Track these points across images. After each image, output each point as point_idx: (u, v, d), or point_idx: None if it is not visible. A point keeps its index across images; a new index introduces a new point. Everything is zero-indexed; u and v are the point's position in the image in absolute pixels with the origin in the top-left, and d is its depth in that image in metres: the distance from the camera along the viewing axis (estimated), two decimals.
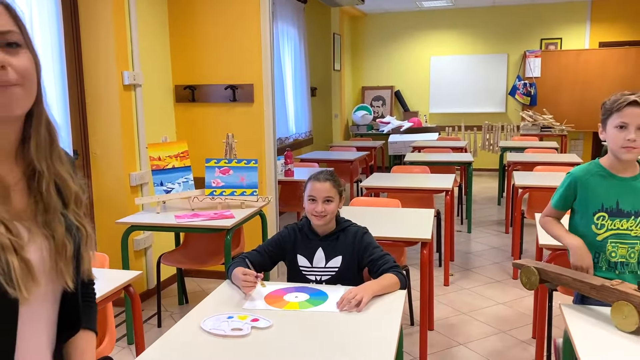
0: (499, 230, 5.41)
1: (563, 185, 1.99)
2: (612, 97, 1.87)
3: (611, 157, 1.90)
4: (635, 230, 1.85)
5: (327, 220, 2.08)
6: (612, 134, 1.84)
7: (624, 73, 7.98)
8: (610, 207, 1.86)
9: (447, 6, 8.55)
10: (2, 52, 0.85)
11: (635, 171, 1.89)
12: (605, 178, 1.89)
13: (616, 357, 1.42)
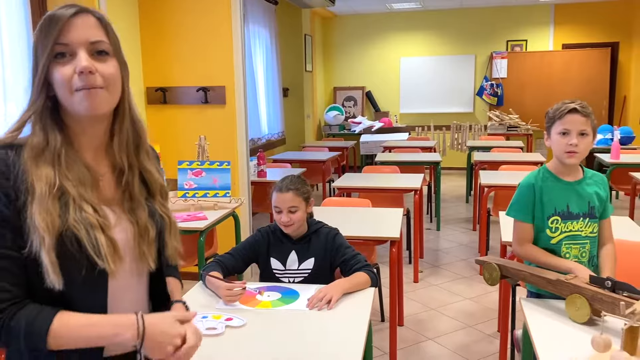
0: (467, 227, 5.55)
1: (523, 196, 2.00)
2: (554, 106, 1.96)
3: (557, 163, 1.99)
4: (585, 230, 1.95)
5: (295, 228, 2.12)
6: (556, 140, 1.94)
7: (586, 74, 8.26)
8: (562, 211, 1.95)
9: (416, 8, 8.69)
10: (93, 59, 0.98)
11: (578, 175, 2.00)
12: (555, 183, 1.98)
13: (569, 346, 1.52)
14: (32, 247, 0.92)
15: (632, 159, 5.07)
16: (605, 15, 8.36)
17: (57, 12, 0.98)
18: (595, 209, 1.97)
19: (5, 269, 0.92)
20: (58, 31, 0.96)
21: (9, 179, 0.94)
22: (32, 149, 0.97)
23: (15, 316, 0.92)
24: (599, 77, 8.23)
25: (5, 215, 0.93)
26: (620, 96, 8.55)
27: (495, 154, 5.94)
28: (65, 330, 0.93)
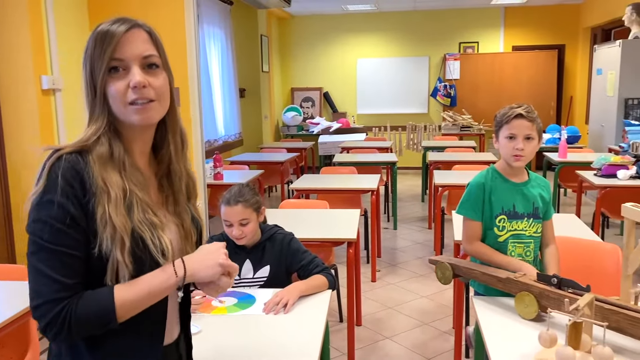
0: (423, 226, 5.66)
1: (473, 194, 2.06)
2: (502, 110, 2.04)
3: (504, 164, 2.06)
4: (529, 230, 2.03)
5: (248, 239, 2.09)
6: (503, 143, 2.01)
7: (535, 75, 8.54)
8: (509, 210, 2.02)
9: (371, 10, 8.79)
10: (144, 72, 1.05)
11: (524, 177, 2.08)
12: (502, 183, 2.05)
13: (517, 342, 1.57)
14: (104, 246, 0.99)
15: (578, 157, 5.27)
16: (552, 18, 8.67)
17: (111, 27, 1.04)
18: (539, 210, 2.06)
19: (69, 265, 0.98)
20: (113, 47, 1.02)
21: (80, 182, 0.99)
22: (100, 157, 1.03)
23: (78, 305, 0.97)
24: (547, 78, 8.54)
25: (74, 215, 0.98)
26: (567, 97, 8.89)
27: (448, 153, 6.07)
28: (127, 295, 1.00)
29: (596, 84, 6.49)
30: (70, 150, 1.02)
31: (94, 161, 1.02)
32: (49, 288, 0.96)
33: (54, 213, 0.97)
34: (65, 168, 0.99)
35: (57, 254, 0.97)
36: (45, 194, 0.98)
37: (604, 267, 2.27)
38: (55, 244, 0.97)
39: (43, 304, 0.96)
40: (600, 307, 1.50)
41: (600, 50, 6.35)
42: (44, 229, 0.97)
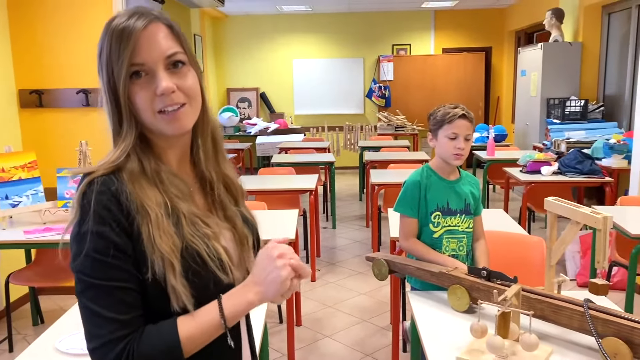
0: (361, 224, 5.74)
1: (408, 191, 2.11)
2: (441, 110, 2.08)
3: (440, 162, 2.13)
4: (462, 225, 2.11)
5: None
6: (444, 142, 2.06)
7: (463, 76, 8.88)
8: (443, 207, 2.10)
9: (306, 11, 8.82)
10: (170, 74, 0.92)
11: (456, 175, 2.17)
12: (437, 181, 2.12)
13: (451, 334, 1.62)
14: (155, 270, 0.88)
15: (505, 155, 5.52)
16: (479, 22, 9.04)
17: (126, 24, 0.90)
18: (471, 206, 2.15)
19: (121, 300, 0.87)
20: (132, 49, 0.89)
21: (118, 205, 0.89)
22: (132, 174, 0.92)
23: (140, 344, 0.87)
24: (476, 79, 8.89)
25: (117, 243, 0.87)
26: (494, 97, 9.29)
27: (384, 153, 6.19)
28: (191, 329, 0.90)
29: (521, 85, 6.82)
30: (102, 172, 0.91)
31: (128, 179, 0.91)
32: (104, 329, 0.86)
33: (94, 245, 0.86)
34: (98, 192, 0.88)
35: (106, 290, 0.87)
36: (82, 225, 0.87)
37: (530, 259, 2.39)
38: (102, 279, 0.87)
39: (100, 347, 0.86)
40: (526, 297, 1.57)
41: (524, 53, 6.69)
42: (86, 264, 0.87)
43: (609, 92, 5.89)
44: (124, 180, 0.91)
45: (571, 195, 4.87)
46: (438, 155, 2.12)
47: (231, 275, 0.96)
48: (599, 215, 1.46)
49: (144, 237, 0.89)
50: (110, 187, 0.89)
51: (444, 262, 1.98)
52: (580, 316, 1.47)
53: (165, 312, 0.90)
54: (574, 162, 4.20)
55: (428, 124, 2.17)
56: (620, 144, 4.46)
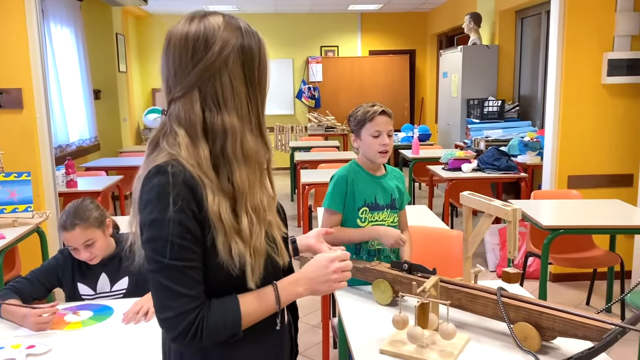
0: (293, 224, 5.76)
1: (336, 186, 2.12)
2: (360, 110, 2.11)
3: (366, 162, 2.16)
4: (388, 220, 2.16)
5: (100, 257, 1.94)
6: (368, 141, 2.08)
7: (389, 77, 9.11)
8: (371, 202, 2.12)
9: (233, 11, 8.74)
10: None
11: (382, 171, 2.20)
12: (364, 176, 2.15)
13: (376, 327, 1.66)
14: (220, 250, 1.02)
15: (429, 153, 5.72)
16: (404, 25, 9.31)
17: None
18: (396, 201, 2.20)
19: (192, 277, 1.00)
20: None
21: (193, 193, 1.00)
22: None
23: (208, 317, 1.01)
24: (401, 81, 9.15)
25: (191, 228, 1.00)
26: (419, 98, 9.60)
27: (314, 153, 6.25)
28: (250, 309, 1.06)
29: (443, 86, 7.09)
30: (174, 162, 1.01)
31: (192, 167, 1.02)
32: (176, 302, 0.99)
33: (173, 230, 0.98)
34: (175, 182, 0.99)
35: (181, 270, 0.99)
36: (161, 212, 0.98)
37: (451, 252, 2.49)
38: (178, 259, 0.98)
39: (173, 317, 1.00)
40: (444, 288, 1.64)
41: (445, 55, 6.96)
42: (165, 247, 0.98)
43: (523, 92, 6.25)
44: (190, 169, 1.02)
45: (490, 191, 5.12)
46: (364, 155, 2.14)
47: (285, 259, 1.11)
48: (509, 208, 1.55)
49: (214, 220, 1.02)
50: (185, 179, 1.00)
51: (366, 233, 2.05)
52: (494, 304, 1.56)
53: (226, 287, 1.05)
54: (491, 159, 4.42)
55: (349, 126, 2.18)
56: (533, 142, 4.74)
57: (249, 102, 1.07)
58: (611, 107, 3.89)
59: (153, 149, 1.06)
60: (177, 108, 1.04)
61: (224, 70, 1.03)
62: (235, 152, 1.05)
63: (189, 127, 1.03)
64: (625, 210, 3.17)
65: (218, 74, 1.03)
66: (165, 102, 1.07)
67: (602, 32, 3.80)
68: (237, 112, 1.05)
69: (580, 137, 3.91)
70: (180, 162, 1.01)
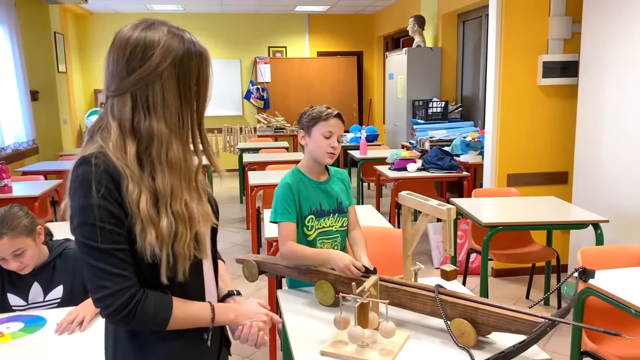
0: (241, 227, 5.71)
1: (284, 196, 2.04)
2: (316, 108, 2.06)
3: (310, 163, 2.10)
4: (335, 225, 2.11)
5: (32, 266, 1.86)
6: (318, 140, 2.03)
7: (338, 79, 9.18)
8: (316, 209, 2.07)
9: (178, 10, 8.58)
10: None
11: (326, 175, 2.15)
12: (308, 184, 2.09)
13: (318, 328, 1.67)
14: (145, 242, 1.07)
15: (376, 154, 5.80)
16: (351, 27, 9.40)
17: None
18: (343, 205, 2.15)
19: (122, 258, 1.06)
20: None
21: (114, 182, 1.06)
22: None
23: (144, 302, 1.08)
24: (349, 82, 9.24)
25: (114, 213, 1.05)
26: (367, 99, 9.72)
27: (263, 154, 6.21)
28: (180, 314, 1.13)
29: (389, 88, 7.21)
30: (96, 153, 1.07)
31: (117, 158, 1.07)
32: (111, 282, 1.05)
33: (99, 215, 1.03)
34: (97, 171, 1.05)
35: (109, 252, 1.05)
36: (85, 199, 1.03)
37: (395, 250, 2.52)
38: (105, 242, 1.04)
39: (109, 295, 1.05)
40: (384, 287, 1.67)
41: (391, 57, 7.07)
42: (93, 231, 1.04)
43: (465, 93, 6.43)
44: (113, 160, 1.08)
45: (434, 190, 5.24)
46: (310, 154, 2.09)
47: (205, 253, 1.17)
48: (444, 207, 1.59)
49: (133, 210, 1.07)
50: (107, 168, 1.06)
51: (320, 256, 1.90)
52: (432, 301, 1.59)
53: (144, 277, 1.10)
54: (435, 158, 4.52)
55: (299, 122, 2.13)
56: (475, 141, 4.88)
57: (180, 113, 1.12)
58: (546, 107, 4.05)
59: (88, 141, 1.13)
60: (113, 104, 1.10)
61: (157, 82, 1.08)
62: (159, 156, 1.10)
63: (121, 124, 1.09)
64: (560, 206, 3.31)
65: (151, 84, 1.08)
66: (104, 95, 1.13)
67: (537, 35, 3.96)
68: (166, 120, 1.10)
69: (518, 137, 4.06)
70: (106, 154, 1.07)
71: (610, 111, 3.42)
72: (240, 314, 1.24)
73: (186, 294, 1.16)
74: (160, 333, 1.13)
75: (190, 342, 1.20)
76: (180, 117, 1.12)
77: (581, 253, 2.26)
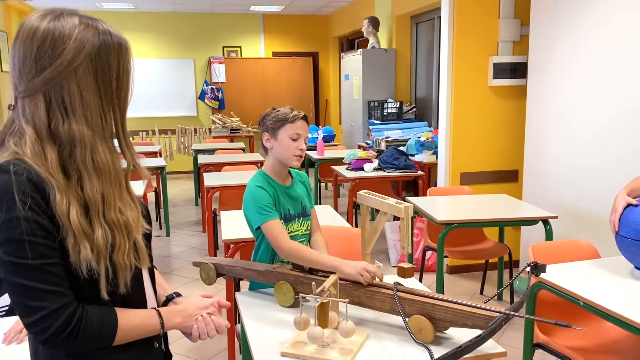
0: (197, 230, 5.62)
1: (262, 197, 1.96)
2: (281, 110, 2.02)
3: (276, 167, 2.05)
4: (301, 229, 2.10)
5: None
6: (285, 142, 2.00)
7: (294, 79, 9.17)
8: (285, 214, 2.04)
9: (129, 9, 8.37)
10: None
11: (290, 179, 2.12)
12: (277, 188, 2.05)
13: (278, 329, 1.66)
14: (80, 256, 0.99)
15: (333, 154, 5.82)
16: (306, 27, 9.41)
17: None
18: (307, 208, 2.14)
19: (55, 273, 0.96)
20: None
21: (39, 192, 0.96)
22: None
23: (86, 319, 0.99)
24: (305, 82, 9.25)
25: (43, 225, 0.95)
26: (323, 100, 9.75)
27: (218, 155, 6.14)
28: (127, 325, 1.05)
29: (345, 88, 7.26)
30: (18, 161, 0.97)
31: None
32: (46, 301, 0.95)
33: (25, 228, 0.93)
34: (19, 180, 0.94)
35: (41, 268, 0.95)
36: (8, 212, 0.93)
37: (354, 249, 2.55)
38: (36, 258, 0.94)
39: (46, 316, 0.95)
40: (344, 286, 1.67)
41: (347, 58, 7.12)
42: (20, 247, 0.93)
43: (419, 94, 6.54)
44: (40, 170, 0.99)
45: (391, 189, 5.31)
46: (276, 157, 2.03)
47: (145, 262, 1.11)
48: (401, 206, 1.61)
49: (76, 227, 0.99)
50: (30, 177, 0.96)
51: (329, 264, 1.78)
52: (390, 299, 1.61)
53: (80, 292, 1.01)
54: (391, 158, 4.58)
55: (262, 124, 2.07)
56: (429, 141, 4.97)
57: (102, 112, 1.03)
58: (497, 107, 4.17)
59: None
60: (24, 106, 0.99)
61: (72, 80, 0.98)
62: (85, 162, 1.00)
63: (36, 128, 0.98)
64: (511, 204, 3.41)
65: (65, 82, 0.98)
66: (13, 96, 1.01)
67: (487, 37, 4.07)
68: (87, 122, 1.00)
69: (471, 137, 4.16)
70: (25, 160, 0.96)
71: (557, 111, 3.55)
72: (186, 314, 1.19)
73: (128, 307, 1.08)
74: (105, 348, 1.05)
75: (141, 353, 1.12)
76: (102, 117, 1.02)
77: (532, 248, 2.33)
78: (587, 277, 2.02)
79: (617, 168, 3.06)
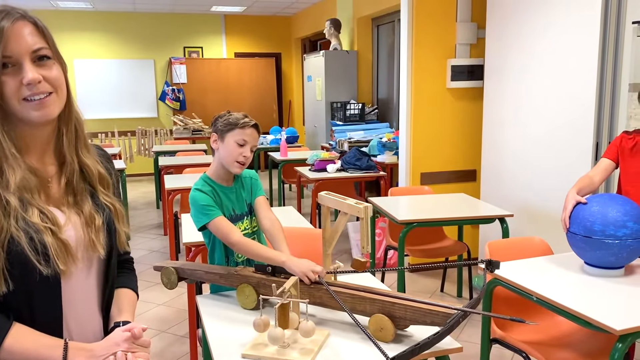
0: (159, 233, 5.53)
1: (202, 199, 1.98)
2: (233, 114, 2.03)
3: (218, 169, 2.05)
4: (250, 227, 2.10)
5: None
6: (231, 147, 1.99)
7: (257, 80, 9.13)
8: (231, 215, 2.05)
9: (86, 8, 8.18)
10: (36, 66, 1.01)
11: (232, 181, 2.10)
12: (220, 190, 2.05)
13: (240, 332, 1.65)
14: None
15: (297, 155, 5.83)
16: (268, 28, 9.39)
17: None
18: (252, 204, 2.12)
19: None
20: (3, 45, 0.97)
21: None
22: None
23: None
24: (268, 83, 9.22)
25: None
26: (286, 101, 9.75)
27: (179, 157, 6.07)
28: (17, 347, 0.98)
29: (308, 90, 7.28)
30: None
31: None
32: None
33: None
34: None
35: None
36: None
37: (316, 249, 2.55)
38: None
39: None
40: (305, 286, 1.68)
41: (309, 59, 7.14)
42: None
43: (381, 96, 6.63)
44: None
45: (354, 189, 5.36)
46: (219, 160, 2.04)
47: (61, 267, 1.02)
48: (361, 206, 1.63)
49: None
50: None
51: (277, 260, 1.81)
52: (352, 299, 1.63)
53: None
54: (354, 159, 4.62)
55: (213, 125, 2.06)
56: (390, 142, 5.04)
57: None
58: (455, 109, 4.27)
59: None
60: None
61: None
62: None
63: None
64: (470, 203, 3.50)
65: None
66: None
67: (445, 40, 4.16)
68: None
69: (430, 137, 4.24)
70: None
71: (511, 113, 3.66)
72: (90, 355, 1.03)
73: (33, 318, 1.01)
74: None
75: None
76: None
77: (488, 246, 2.40)
78: (540, 273, 2.10)
79: (568, 167, 3.18)
